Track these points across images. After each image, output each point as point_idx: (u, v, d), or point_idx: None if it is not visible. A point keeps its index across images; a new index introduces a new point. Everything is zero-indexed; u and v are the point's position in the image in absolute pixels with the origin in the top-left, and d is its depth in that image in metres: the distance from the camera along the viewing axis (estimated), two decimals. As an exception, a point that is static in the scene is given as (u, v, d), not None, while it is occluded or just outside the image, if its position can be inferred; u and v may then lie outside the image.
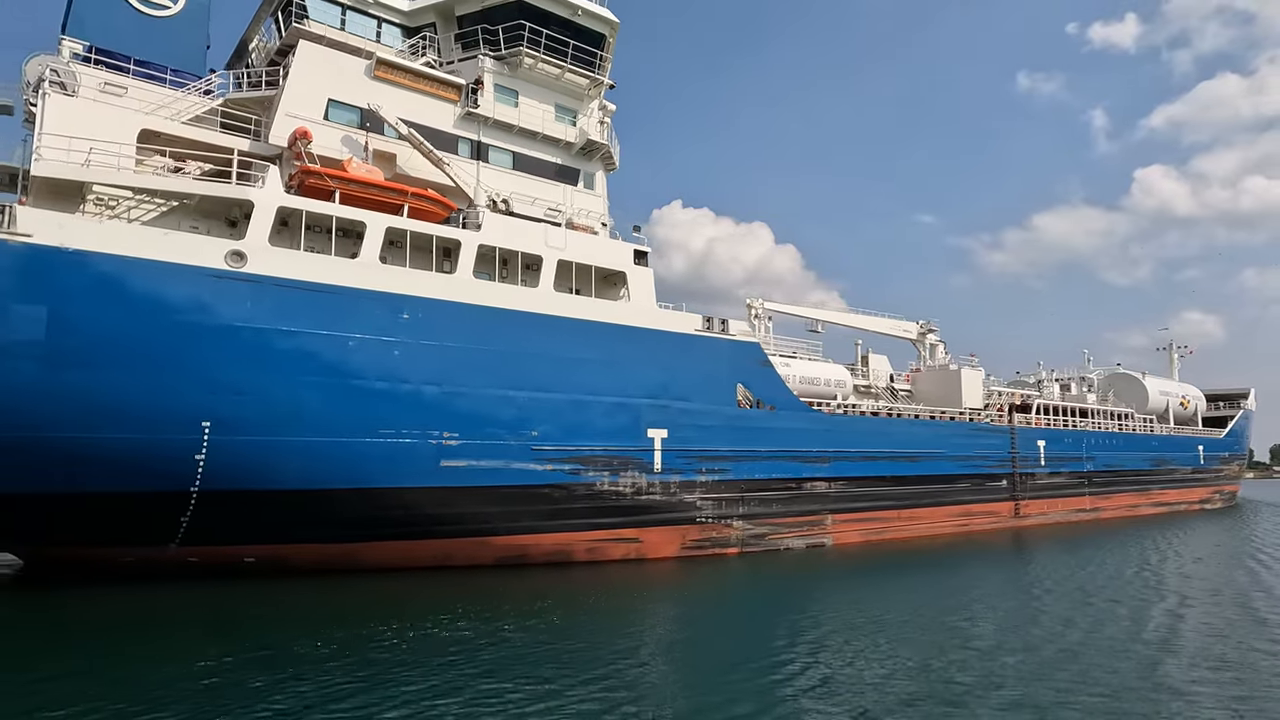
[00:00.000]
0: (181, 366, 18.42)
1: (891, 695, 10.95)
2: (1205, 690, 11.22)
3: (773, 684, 11.70)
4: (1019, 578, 23.61)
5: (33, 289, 16.96)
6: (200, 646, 13.67)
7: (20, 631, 15.45)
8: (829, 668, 12.55)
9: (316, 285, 20.27)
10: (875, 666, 12.57)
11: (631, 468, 25.74)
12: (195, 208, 20.78)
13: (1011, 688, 11.29)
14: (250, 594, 19.14)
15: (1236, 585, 21.24)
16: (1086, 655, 13.26)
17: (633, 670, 12.44)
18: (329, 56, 23.88)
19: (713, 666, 12.94)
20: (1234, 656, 13.19)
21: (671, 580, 23.67)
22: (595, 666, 12.62)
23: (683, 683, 11.84)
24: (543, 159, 27.74)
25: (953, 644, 14.07)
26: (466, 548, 23.02)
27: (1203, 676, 11.95)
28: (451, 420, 22.17)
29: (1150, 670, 12.33)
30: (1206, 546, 31.76)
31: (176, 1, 26.39)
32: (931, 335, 49.52)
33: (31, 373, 16.99)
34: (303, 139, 21.54)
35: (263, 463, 19.65)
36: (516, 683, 11.58)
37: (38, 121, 19.41)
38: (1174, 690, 11.27)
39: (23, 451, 17.25)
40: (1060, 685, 11.39)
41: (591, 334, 25.19)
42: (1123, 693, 11.03)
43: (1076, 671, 12.23)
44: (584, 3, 27.49)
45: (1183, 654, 13.45)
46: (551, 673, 12.11)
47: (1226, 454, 59.93)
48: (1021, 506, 40.51)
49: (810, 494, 31.01)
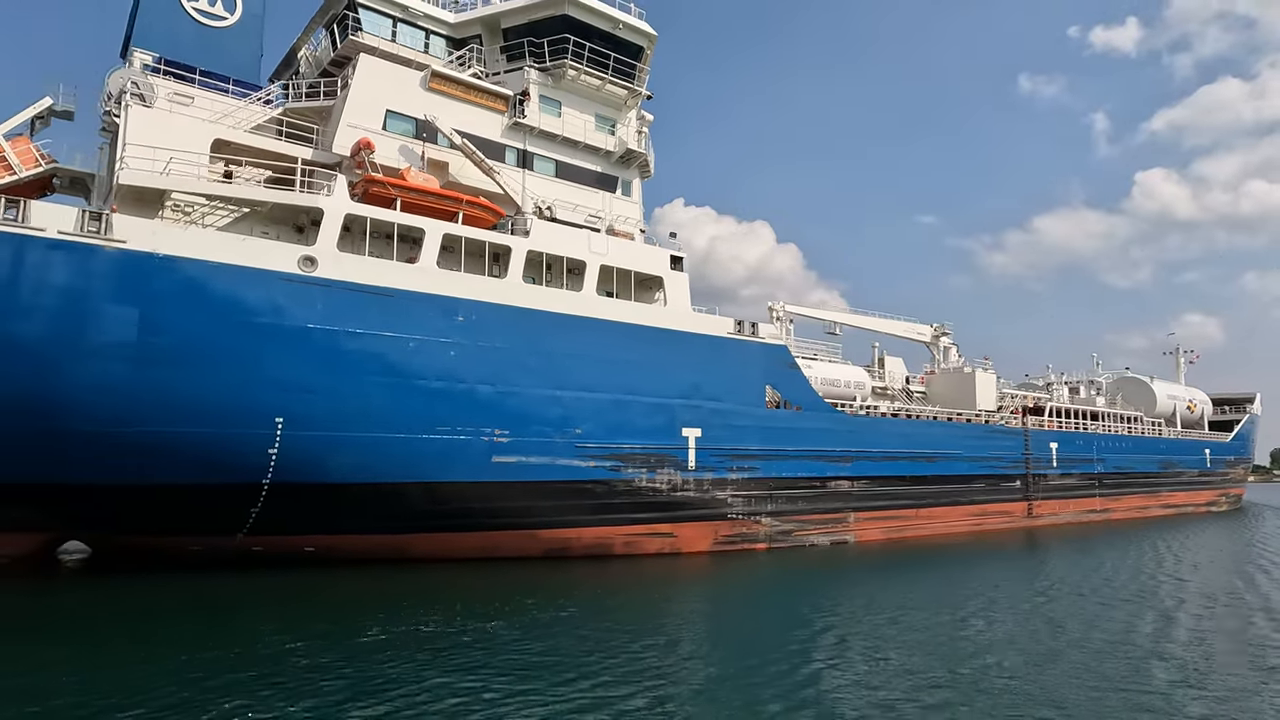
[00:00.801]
0: (258, 365, 19.51)
1: (904, 686, 11.64)
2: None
3: (805, 671, 12.49)
4: (1036, 577, 24.58)
5: (126, 292, 18.05)
6: (282, 627, 14.79)
7: (119, 616, 16.54)
8: (853, 660, 13.23)
9: (380, 289, 21.36)
10: (893, 660, 13.23)
11: (667, 465, 26.81)
12: (266, 214, 21.86)
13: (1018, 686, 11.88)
14: (308, 581, 20.25)
15: (1245, 590, 22.18)
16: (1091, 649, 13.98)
17: (682, 659, 13.36)
18: (387, 69, 24.94)
19: (755, 658, 13.45)
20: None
21: (706, 574, 24.75)
22: (665, 655, 13.71)
23: (727, 674, 12.50)
24: (584, 167, 28.82)
25: (969, 644, 14.54)
26: (513, 540, 24.11)
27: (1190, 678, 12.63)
28: (503, 418, 23.25)
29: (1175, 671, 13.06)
30: (1213, 549, 32.78)
31: (233, 13, 27.54)
32: (945, 338, 50.52)
33: (123, 371, 18.08)
34: (366, 149, 22.61)
35: (329, 457, 20.75)
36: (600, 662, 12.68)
37: (121, 132, 20.49)
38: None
39: (111, 445, 18.33)
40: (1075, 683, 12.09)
41: (632, 336, 26.26)
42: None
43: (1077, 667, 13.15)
44: (625, 16, 28.54)
45: (1176, 654, 13.91)
46: (604, 654, 13.19)
47: (1232, 458, 61.01)
48: (1034, 507, 41.58)
49: (834, 492, 32.09)
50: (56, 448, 17.98)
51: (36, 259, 17.22)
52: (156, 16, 26.06)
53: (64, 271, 17.46)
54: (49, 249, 17.34)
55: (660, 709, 10.44)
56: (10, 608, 16.68)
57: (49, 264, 17.33)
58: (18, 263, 17.07)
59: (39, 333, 17.33)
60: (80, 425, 17.89)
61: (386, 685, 11.16)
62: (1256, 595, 20.28)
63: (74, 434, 17.90)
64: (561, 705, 10.50)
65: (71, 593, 19.50)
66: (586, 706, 10.46)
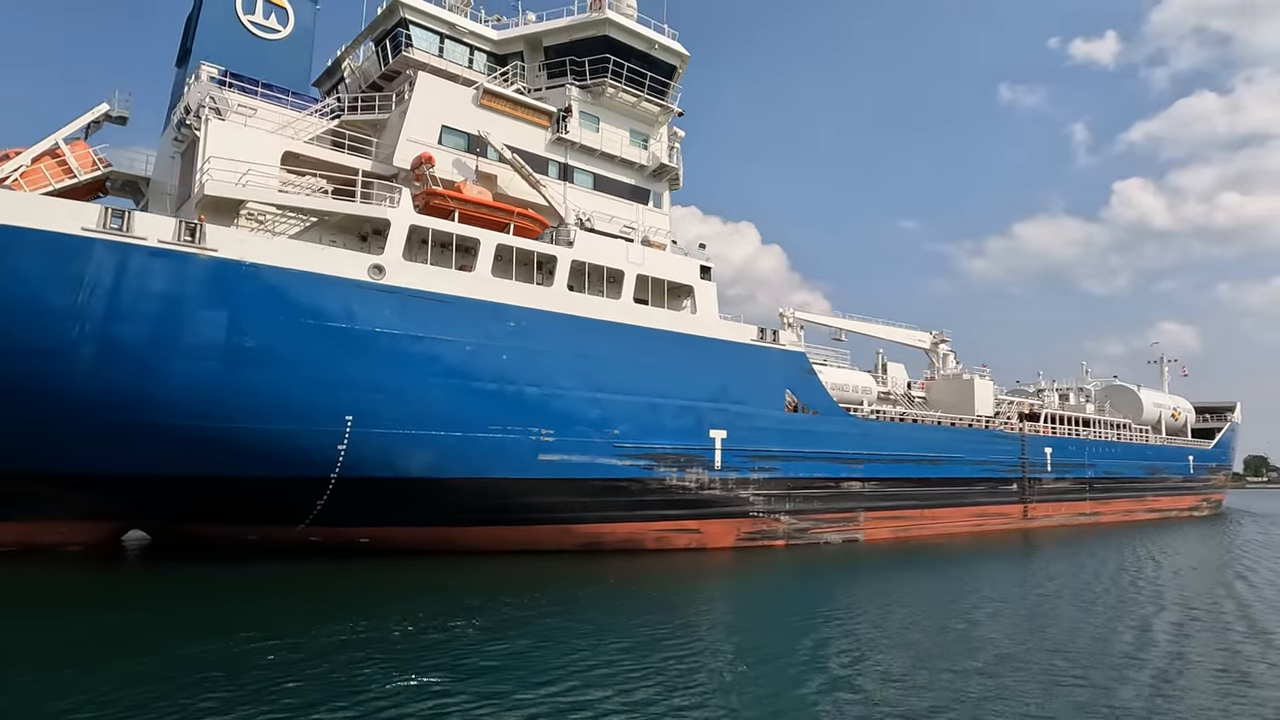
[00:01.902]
0: (331, 366, 20.85)
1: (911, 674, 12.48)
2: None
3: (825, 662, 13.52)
4: (1039, 576, 26.29)
5: (217, 297, 19.34)
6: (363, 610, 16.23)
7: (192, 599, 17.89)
8: (864, 652, 14.11)
9: (441, 295, 22.74)
10: (900, 652, 14.12)
11: (695, 465, 28.35)
12: (332, 223, 23.17)
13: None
14: (363, 571, 21.66)
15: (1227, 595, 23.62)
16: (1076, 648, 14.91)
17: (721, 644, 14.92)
18: (443, 86, 26.30)
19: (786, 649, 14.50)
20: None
21: (733, 568, 26.30)
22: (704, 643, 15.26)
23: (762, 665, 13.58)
24: (619, 180, 30.31)
25: (975, 638, 15.34)
26: (552, 534, 25.57)
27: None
28: (548, 418, 24.69)
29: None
30: (1198, 553, 34.71)
31: (285, 26, 28.83)
32: (943, 345, 52.40)
33: (213, 371, 19.38)
34: (427, 164, 23.95)
35: (393, 453, 22.11)
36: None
37: (201, 144, 21.73)
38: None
39: (199, 440, 19.63)
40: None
41: (664, 342, 27.78)
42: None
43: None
44: (660, 38, 30.05)
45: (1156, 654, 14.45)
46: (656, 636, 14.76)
47: (1214, 464, 63.46)
48: (1030, 509, 43.52)
49: (846, 493, 33.76)
50: (147, 441, 19.24)
51: (139, 266, 18.47)
52: (215, 30, 27.29)
53: (163, 278, 18.72)
54: (150, 256, 18.60)
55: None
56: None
57: (150, 271, 18.58)
58: (122, 270, 18.32)
59: (140, 335, 18.59)
60: (173, 420, 19.17)
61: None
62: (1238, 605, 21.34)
63: (167, 428, 19.17)
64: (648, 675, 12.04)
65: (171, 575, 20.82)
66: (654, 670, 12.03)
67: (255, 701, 10.03)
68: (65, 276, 17.79)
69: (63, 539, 23.18)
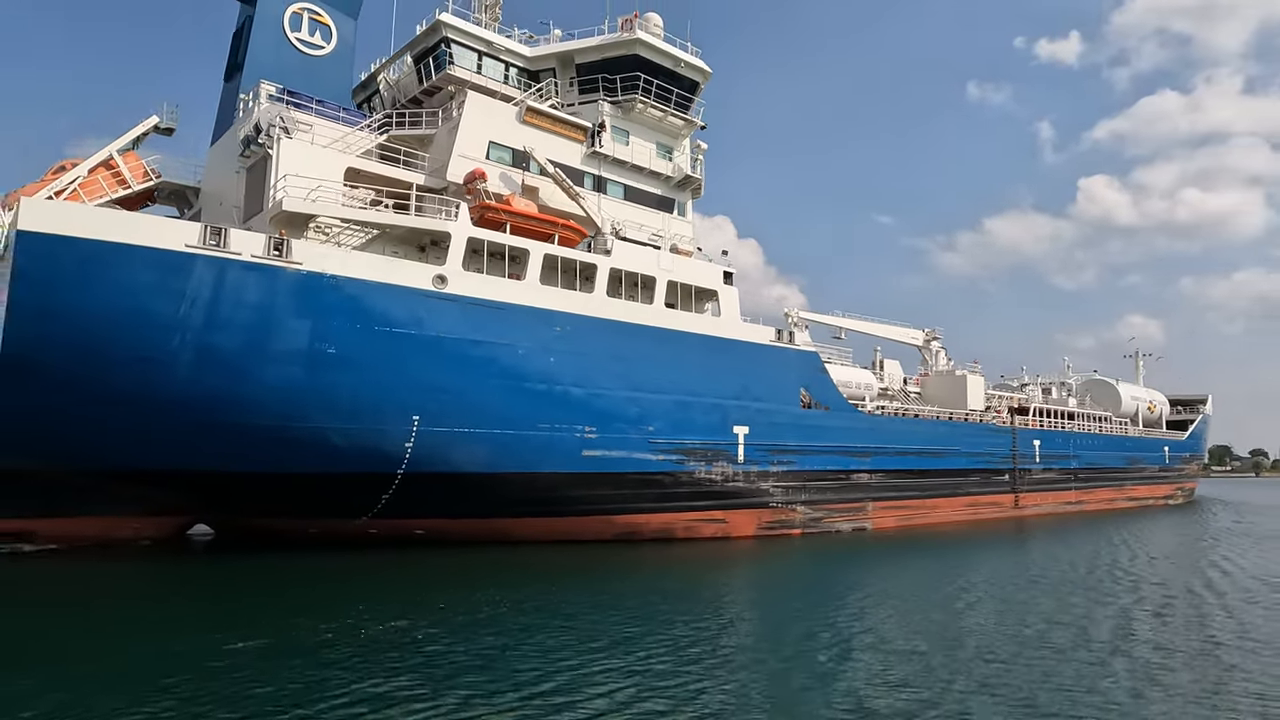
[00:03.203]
0: (402, 369, 22.44)
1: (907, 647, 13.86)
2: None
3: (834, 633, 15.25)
4: (1037, 560, 28.59)
5: (302, 307, 20.85)
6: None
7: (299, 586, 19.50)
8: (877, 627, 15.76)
9: (496, 303, 24.39)
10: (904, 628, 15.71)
11: (721, 459, 30.26)
12: (394, 235, 24.69)
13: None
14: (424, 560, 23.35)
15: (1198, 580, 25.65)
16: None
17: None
18: (490, 105, 27.88)
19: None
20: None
21: (756, 555, 28.26)
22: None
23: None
24: (647, 190, 32.08)
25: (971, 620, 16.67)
26: (594, 525, 27.35)
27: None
28: (591, 416, 26.43)
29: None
30: (1174, 540, 37.31)
31: (329, 42, 30.22)
32: (935, 342, 54.77)
33: (297, 374, 20.91)
34: (480, 179, 25.53)
35: (454, 450, 23.74)
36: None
37: (274, 162, 23.16)
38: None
39: (283, 438, 21.15)
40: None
41: (694, 344, 29.62)
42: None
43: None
44: (686, 56, 31.82)
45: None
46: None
47: (1188, 454, 66.71)
48: (1021, 499, 46.04)
49: (855, 484, 35.89)
50: (235, 441, 20.73)
51: (235, 279, 19.93)
52: (266, 46, 28.61)
53: (256, 290, 20.19)
54: (244, 270, 20.06)
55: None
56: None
57: (244, 284, 20.04)
58: (219, 283, 19.77)
59: (234, 343, 20.07)
60: (260, 421, 20.67)
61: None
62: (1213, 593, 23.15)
63: (254, 429, 20.67)
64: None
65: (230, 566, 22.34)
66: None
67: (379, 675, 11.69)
68: (169, 289, 19.22)
69: (136, 534, 24.57)
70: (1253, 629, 15.58)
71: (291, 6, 29.33)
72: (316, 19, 29.97)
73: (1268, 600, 18.94)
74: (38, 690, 10.36)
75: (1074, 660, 12.94)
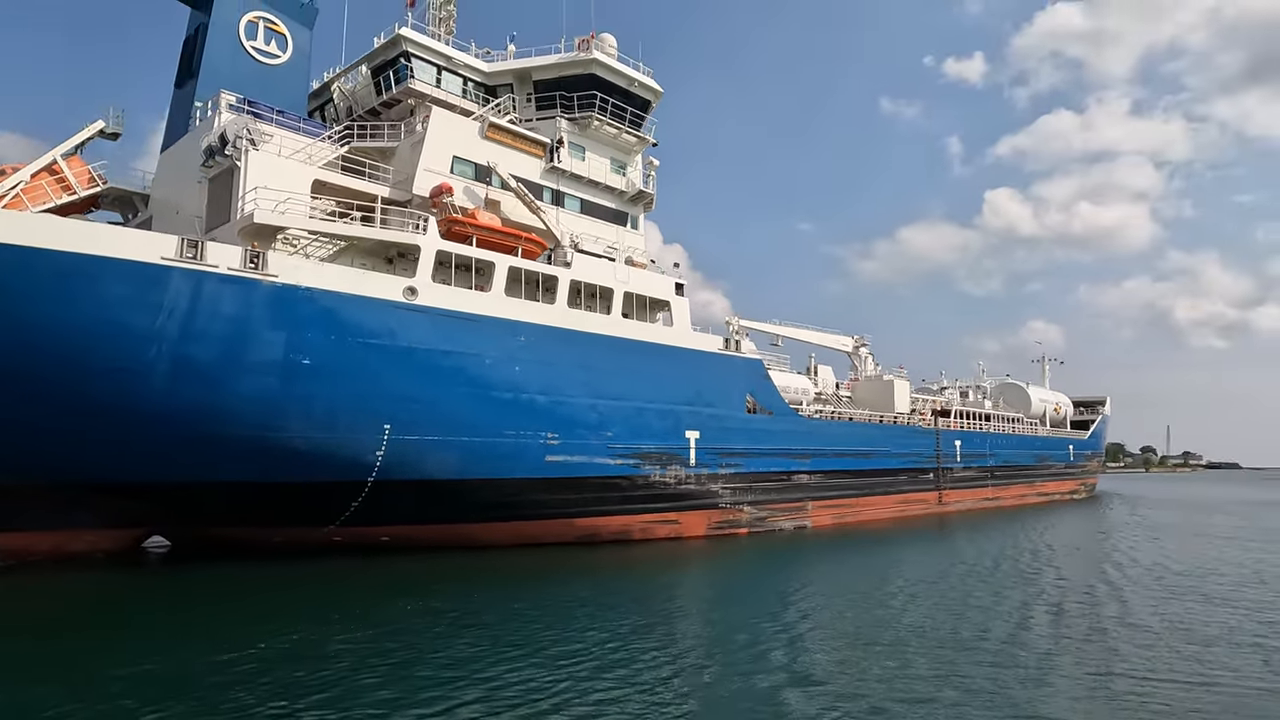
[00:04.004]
0: (374, 380, 22.90)
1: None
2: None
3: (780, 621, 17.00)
4: (959, 550, 31.07)
5: (277, 318, 21.12)
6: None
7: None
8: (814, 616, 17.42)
9: (464, 314, 25.07)
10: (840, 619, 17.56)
11: (675, 462, 31.60)
12: (362, 247, 25.08)
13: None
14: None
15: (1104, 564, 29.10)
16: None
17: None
18: (453, 120, 28.50)
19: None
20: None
21: (707, 554, 29.68)
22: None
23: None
24: (603, 204, 33.22)
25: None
26: (556, 528, 28.26)
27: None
28: (554, 423, 27.36)
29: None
30: (1079, 532, 40.77)
31: (285, 52, 30.36)
32: (864, 348, 57.77)
33: (272, 385, 21.16)
34: (447, 193, 26.16)
35: (423, 458, 24.29)
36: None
37: (242, 174, 23.28)
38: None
39: (257, 448, 21.36)
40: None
41: (650, 353, 30.91)
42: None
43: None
44: (639, 76, 33.16)
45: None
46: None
47: (1090, 452, 71.95)
48: (944, 496, 49.09)
49: (796, 484, 37.82)
50: (208, 451, 20.85)
51: (211, 291, 20.07)
52: (221, 54, 28.57)
53: (232, 302, 20.37)
54: (220, 283, 20.22)
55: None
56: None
57: (221, 296, 20.20)
58: (196, 295, 19.87)
59: (210, 354, 20.19)
60: (235, 431, 20.84)
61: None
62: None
63: (228, 439, 20.82)
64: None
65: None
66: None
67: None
68: (145, 302, 19.25)
69: (91, 546, 24.15)
70: (1137, 616, 17.05)
71: (247, 15, 29.32)
72: (272, 28, 30.02)
73: (1159, 589, 20.85)
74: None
75: (979, 648, 14.09)
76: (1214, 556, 28.31)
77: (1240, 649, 14.23)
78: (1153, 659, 13.43)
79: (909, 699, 11.09)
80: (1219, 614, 17.30)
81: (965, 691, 11.45)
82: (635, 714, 10.46)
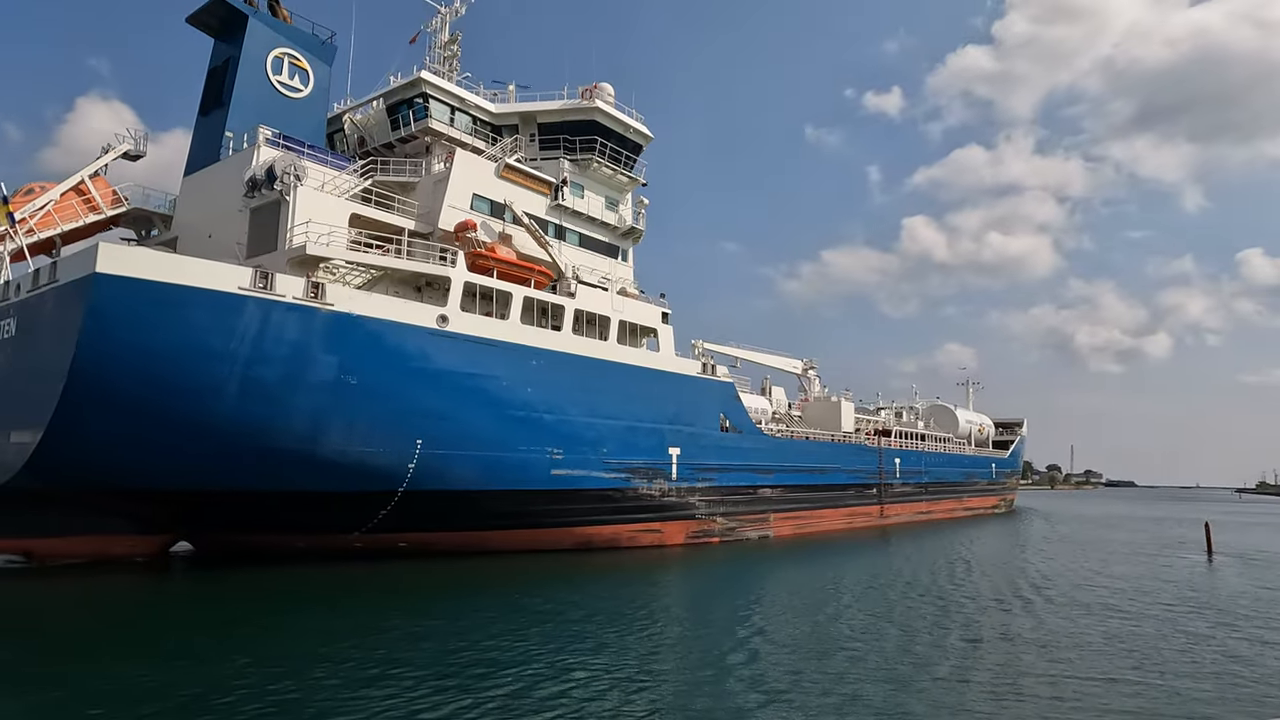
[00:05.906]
0: (410, 398, 25.26)
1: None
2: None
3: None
4: (896, 558, 35.12)
5: (332, 343, 23.31)
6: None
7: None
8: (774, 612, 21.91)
9: (487, 340, 27.64)
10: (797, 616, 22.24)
11: (659, 477, 34.68)
12: (395, 276, 27.38)
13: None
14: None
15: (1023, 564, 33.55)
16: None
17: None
18: (474, 161, 31.06)
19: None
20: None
21: (686, 559, 32.77)
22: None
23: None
24: (598, 239, 36.20)
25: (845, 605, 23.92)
26: (556, 535, 30.93)
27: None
28: (559, 440, 30.09)
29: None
30: (1003, 543, 45.63)
31: (306, 86, 32.41)
32: (812, 371, 62.09)
33: (324, 403, 23.31)
34: (471, 229, 28.70)
35: (448, 470, 26.69)
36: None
37: (291, 207, 25.36)
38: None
39: (309, 460, 23.45)
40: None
41: (640, 376, 33.95)
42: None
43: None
44: (634, 122, 36.43)
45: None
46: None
47: (1009, 470, 78.31)
48: (885, 509, 53.58)
49: (761, 497, 41.36)
50: (264, 462, 22.85)
51: (278, 318, 22.16)
52: (249, 86, 30.50)
53: (295, 328, 22.48)
54: (287, 310, 22.32)
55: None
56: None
57: (286, 322, 22.30)
58: (265, 321, 21.94)
59: (274, 375, 22.25)
60: (289, 445, 22.90)
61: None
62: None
63: (283, 451, 22.87)
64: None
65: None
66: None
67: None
68: (223, 327, 21.25)
69: (130, 551, 25.66)
70: (1050, 623, 19.33)
71: (274, 50, 31.28)
72: (296, 63, 32.03)
73: (1072, 599, 23.66)
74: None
75: (913, 647, 16.18)
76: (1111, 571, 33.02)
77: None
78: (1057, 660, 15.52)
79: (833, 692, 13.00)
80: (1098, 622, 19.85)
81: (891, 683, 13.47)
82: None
